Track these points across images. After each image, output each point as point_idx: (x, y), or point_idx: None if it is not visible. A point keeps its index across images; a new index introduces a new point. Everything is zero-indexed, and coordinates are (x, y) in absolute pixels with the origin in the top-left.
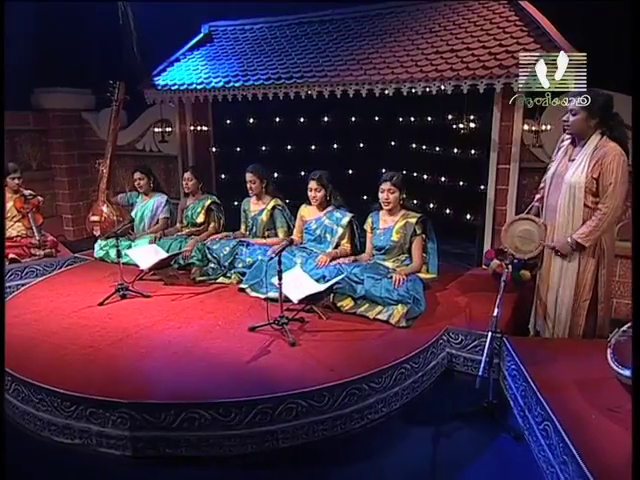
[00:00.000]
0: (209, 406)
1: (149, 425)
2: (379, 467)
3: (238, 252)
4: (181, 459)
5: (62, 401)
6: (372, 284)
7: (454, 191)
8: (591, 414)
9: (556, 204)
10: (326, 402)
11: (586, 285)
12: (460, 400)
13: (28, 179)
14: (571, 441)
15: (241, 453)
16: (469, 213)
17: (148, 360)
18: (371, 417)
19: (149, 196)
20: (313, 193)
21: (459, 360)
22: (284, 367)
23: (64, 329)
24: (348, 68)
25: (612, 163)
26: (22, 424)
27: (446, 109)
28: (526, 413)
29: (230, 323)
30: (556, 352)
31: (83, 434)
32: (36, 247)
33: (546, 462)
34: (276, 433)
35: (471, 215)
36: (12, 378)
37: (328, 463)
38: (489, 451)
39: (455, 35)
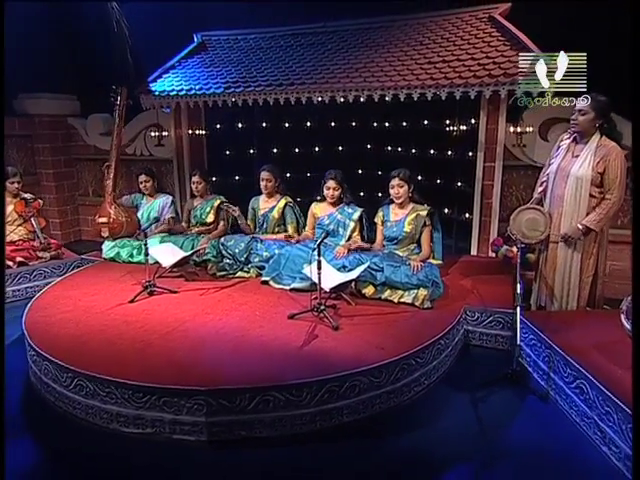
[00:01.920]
0: (283, 388)
1: (224, 410)
2: (431, 434)
3: (253, 247)
4: (255, 440)
5: (134, 392)
6: (392, 271)
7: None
8: (617, 371)
9: (562, 195)
10: (383, 378)
11: (589, 264)
12: (483, 369)
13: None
14: (613, 393)
15: (311, 430)
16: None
17: (207, 349)
18: (416, 389)
19: (154, 197)
20: (331, 192)
21: (475, 335)
22: (337, 349)
23: (107, 326)
24: (347, 75)
25: (616, 160)
26: (85, 419)
27: (438, 114)
28: (551, 376)
29: (266, 313)
30: (568, 322)
31: (155, 423)
32: (42, 250)
33: (580, 415)
34: (341, 409)
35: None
36: (74, 374)
37: (386, 434)
38: (521, 411)
39: (444, 47)
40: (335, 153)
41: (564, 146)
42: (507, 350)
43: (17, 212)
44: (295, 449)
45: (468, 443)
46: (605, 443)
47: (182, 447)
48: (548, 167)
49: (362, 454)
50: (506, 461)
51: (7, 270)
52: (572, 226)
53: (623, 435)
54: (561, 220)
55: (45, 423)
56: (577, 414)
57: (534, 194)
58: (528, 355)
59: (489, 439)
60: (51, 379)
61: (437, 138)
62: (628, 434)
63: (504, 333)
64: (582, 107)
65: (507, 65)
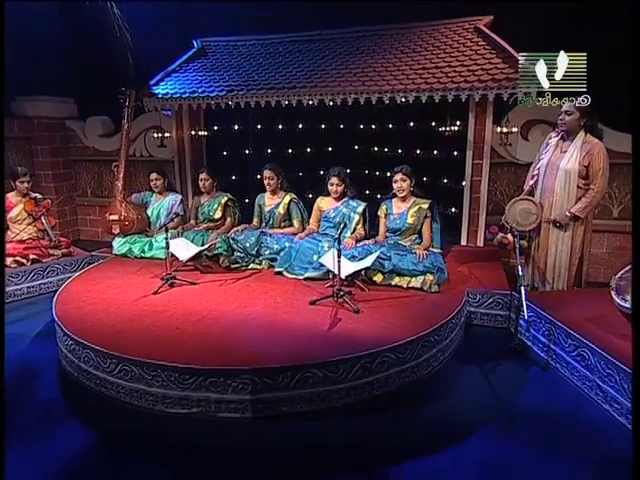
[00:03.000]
0: (321, 365)
1: (268, 387)
2: (451, 402)
3: (263, 241)
4: (296, 415)
5: (180, 375)
6: (399, 259)
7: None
8: (613, 339)
9: (552, 186)
10: (407, 354)
11: (577, 247)
12: (486, 346)
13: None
14: (614, 357)
15: (345, 404)
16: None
17: (240, 333)
18: (434, 364)
19: (163, 195)
20: (335, 187)
21: (476, 315)
22: (361, 330)
23: (137, 316)
24: (346, 80)
25: (600, 154)
26: (130, 402)
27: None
28: (551, 347)
29: (287, 300)
30: (562, 300)
31: (201, 403)
32: (52, 247)
33: (581, 379)
34: (373, 383)
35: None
36: (119, 360)
37: (412, 404)
38: (526, 379)
39: (436, 55)
40: (325, 153)
41: (552, 143)
42: (506, 328)
43: (27, 211)
44: (333, 422)
45: (485, 409)
46: (607, 401)
47: (227, 424)
48: (538, 162)
49: (393, 424)
50: (520, 423)
51: (22, 267)
52: (561, 213)
53: (625, 393)
54: (551, 209)
55: (88, 408)
56: (578, 379)
57: (525, 186)
58: (527, 331)
59: (503, 404)
60: (92, 366)
61: (423, 139)
62: (629, 391)
63: (503, 313)
64: (568, 109)
65: (494, 71)
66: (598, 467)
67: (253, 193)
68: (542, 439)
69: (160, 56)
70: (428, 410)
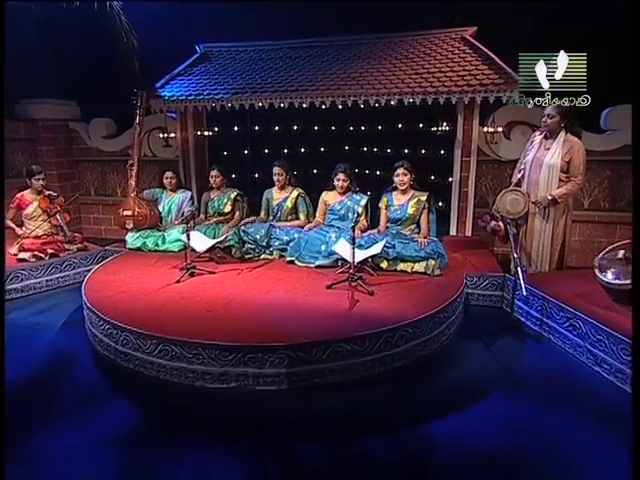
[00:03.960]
0: (350, 339)
1: (302, 361)
2: (462, 372)
3: (272, 233)
4: (327, 385)
5: (221, 352)
6: (402, 247)
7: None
8: (599, 310)
9: (537, 179)
10: (422, 328)
11: (559, 234)
12: (484, 323)
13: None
14: (603, 324)
15: (370, 375)
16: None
17: (268, 314)
18: (443, 339)
19: (174, 192)
20: (341, 182)
21: (474, 296)
22: (378, 309)
23: (167, 302)
24: (346, 83)
25: (579, 151)
26: (170, 380)
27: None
28: (544, 321)
29: (304, 285)
30: (550, 280)
31: (240, 377)
32: (67, 243)
33: (573, 347)
34: (393, 356)
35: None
36: (159, 340)
37: (428, 374)
38: (524, 350)
39: (427, 61)
40: (318, 153)
41: (537, 141)
42: (500, 307)
43: (42, 208)
44: (360, 391)
45: (492, 375)
46: (597, 364)
47: (265, 396)
48: (524, 158)
49: (415, 391)
50: (525, 385)
51: (40, 262)
52: (542, 195)
53: (614, 354)
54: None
55: (130, 387)
56: (570, 346)
57: (513, 179)
58: (521, 308)
59: (507, 371)
60: (131, 348)
61: (411, 139)
62: (618, 353)
63: (497, 293)
64: (550, 111)
65: (481, 76)
66: (594, 417)
67: (251, 190)
68: (546, 397)
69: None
70: (443, 378)
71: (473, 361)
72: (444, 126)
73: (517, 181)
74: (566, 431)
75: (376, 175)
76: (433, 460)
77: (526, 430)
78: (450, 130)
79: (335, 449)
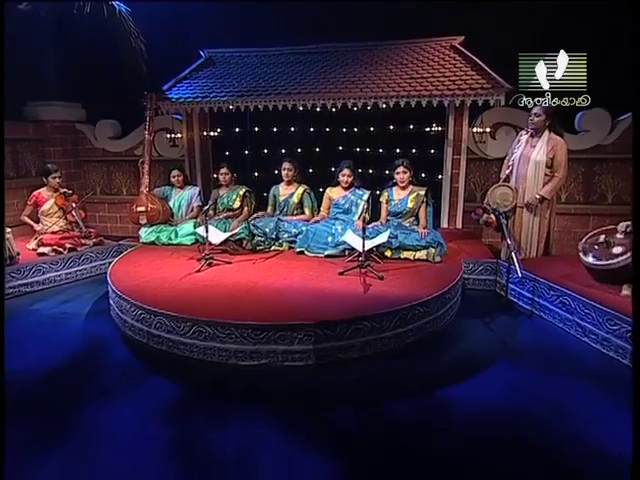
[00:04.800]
0: (370, 317)
1: (328, 338)
2: (467, 346)
3: (281, 226)
4: (349, 360)
5: (252, 331)
6: (405, 237)
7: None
8: (584, 288)
9: (525, 174)
10: (432, 308)
11: (544, 224)
12: (480, 304)
13: (29, 185)
14: (590, 299)
15: (387, 350)
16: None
17: (290, 298)
18: (447, 317)
19: (183, 189)
20: (346, 178)
21: (469, 281)
22: (391, 291)
23: (192, 288)
24: (346, 87)
25: (562, 149)
26: (203, 359)
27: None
28: (535, 300)
29: (318, 272)
30: (539, 264)
31: (270, 354)
32: (84, 237)
33: (562, 321)
34: (407, 332)
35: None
36: (193, 322)
37: (437, 348)
38: (518, 326)
39: (420, 67)
40: (314, 153)
41: (523, 140)
42: (493, 290)
43: (58, 205)
44: (379, 364)
45: (494, 348)
46: (585, 335)
47: (293, 371)
48: (512, 155)
49: (425, 363)
50: (523, 355)
51: (59, 255)
52: (532, 196)
53: (600, 325)
54: (524, 192)
55: (165, 366)
56: (560, 321)
57: (502, 175)
58: (513, 289)
59: (506, 344)
60: (164, 331)
61: (403, 140)
62: (604, 324)
63: (491, 277)
64: (537, 112)
65: (470, 81)
66: (586, 379)
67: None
68: (542, 364)
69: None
70: (450, 352)
71: (474, 337)
72: (436, 127)
73: (505, 177)
74: (563, 391)
75: (369, 174)
76: (449, 419)
77: (528, 391)
78: (441, 131)
79: (362, 412)
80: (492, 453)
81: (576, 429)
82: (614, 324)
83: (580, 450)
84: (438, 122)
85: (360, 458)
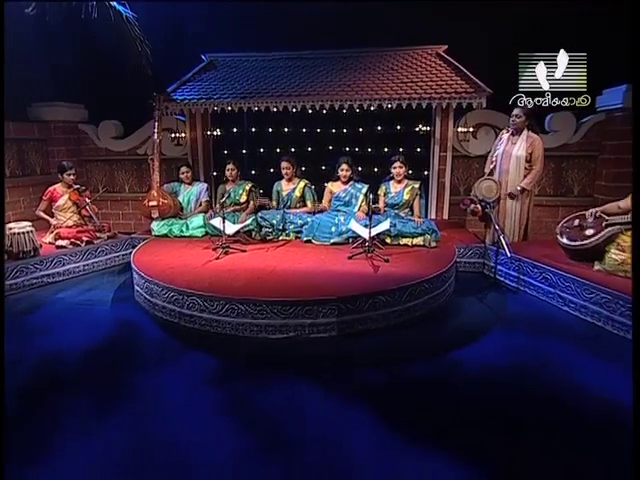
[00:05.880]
0: (386, 292)
1: (349, 311)
2: (464, 318)
3: (287, 218)
4: (367, 331)
5: (282, 307)
6: (402, 225)
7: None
8: (562, 265)
9: (507, 168)
10: (435, 285)
11: (525, 212)
12: (470, 284)
13: (35, 183)
14: (569, 273)
15: (398, 322)
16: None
17: (310, 278)
18: (446, 295)
19: (191, 185)
20: (345, 172)
21: (460, 264)
22: (398, 271)
23: (216, 273)
24: (343, 90)
25: (539, 145)
26: (235, 334)
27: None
28: (520, 277)
29: (328, 257)
30: (522, 247)
31: (297, 328)
32: (98, 231)
33: (545, 294)
34: (415, 307)
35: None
36: (226, 300)
37: (439, 321)
38: (506, 300)
39: (410, 72)
40: (305, 153)
41: (505, 138)
42: (482, 272)
43: (72, 200)
44: (393, 334)
45: (487, 319)
46: (565, 304)
47: (318, 342)
48: (495, 152)
49: (433, 332)
50: (514, 324)
51: (77, 248)
52: (513, 187)
53: (578, 295)
54: (507, 185)
55: (200, 342)
56: (543, 294)
57: (486, 169)
58: (500, 270)
59: (498, 316)
60: (197, 310)
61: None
62: (581, 294)
63: (479, 260)
64: (517, 113)
65: (455, 86)
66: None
67: None
68: (532, 330)
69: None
70: (452, 322)
71: (471, 310)
72: (422, 127)
73: (490, 171)
74: (551, 349)
75: (359, 171)
76: (461, 374)
77: (522, 351)
78: (426, 130)
79: (387, 372)
80: (499, 398)
81: (564, 376)
82: (590, 293)
83: (569, 392)
84: (424, 123)
85: (391, 408)
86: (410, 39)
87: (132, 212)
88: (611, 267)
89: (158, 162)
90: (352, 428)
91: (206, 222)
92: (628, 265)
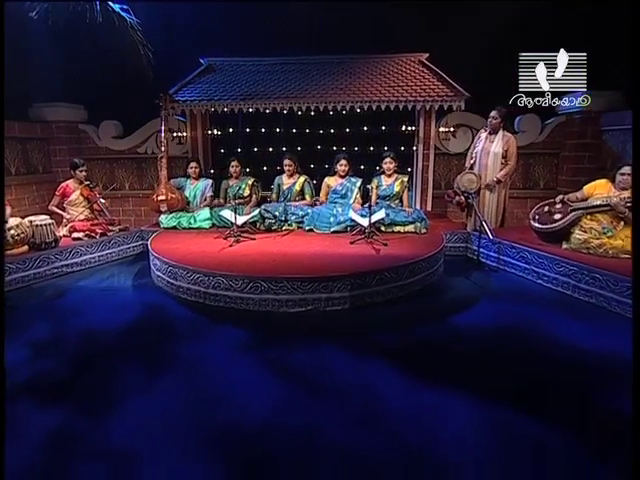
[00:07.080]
0: (391, 269)
1: (359, 286)
2: (455, 292)
3: (288, 210)
4: (374, 304)
5: (302, 282)
6: (395, 215)
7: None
8: (535, 246)
9: (486, 163)
10: (430, 263)
11: (501, 202)
12: (456, 265)
13: (38, 180)
14: (544, 251)
15: (400, 296)
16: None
17: (321, 260)
18: (438, 273)
19: (198, 180)
20: (343, 167)
21: (446, 248)
22: (396, 253)
23: (233, 258)
24: (335, 92)
25: (513, 143)
26: (258, 309)
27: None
28: (500, 258)
29: (332, 243)
30: (499, 232)
31: (315, 301)
32: (110, 224)
33: (522, 271)
34: (414, 282)
35: None
36: (250, 279)
37: (435, 294)
38: (485, 278)
39: (396, 77)
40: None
41: (483, 136)
42: (465, 255)
43: (83, 195)
44: (395, 307)
45: (474, 293)
46: (539, 278)
47: (333, 314)
48: (474, 149)
49: (431, 304)
50: (497, 296)
51: (92, 240)
52: (491, 179)
53: (550, 269)
54: (486, 178)
55: (226, 318)
56: (520, 270)
57: (467, 164)
58: (482, 252)
59: (483, 290)
60: (222, 289)
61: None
62: (553, 268)
63: (463, 245)
64: (494, 115)
65: (437, 90)
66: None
67: None
68: (513, 299)
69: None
70: (447, 296)
71: (460, 286)
72: (405, 128)
73: (470, 166)
74: (531, 313)
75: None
76: (460, 334)
77: (508, 315)
78: (410, 130)
79: (399, 335)
80: (493, 351)
81: (544, 332)
82: (560, 266)
83: (550, 343)
84: (407, 123)
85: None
86: (395, 47)
87: (132, 208)
88: (576, 245)
89: (166, 159)
90: (375, 377)
91: (216, 214)
92: (589, 243)
